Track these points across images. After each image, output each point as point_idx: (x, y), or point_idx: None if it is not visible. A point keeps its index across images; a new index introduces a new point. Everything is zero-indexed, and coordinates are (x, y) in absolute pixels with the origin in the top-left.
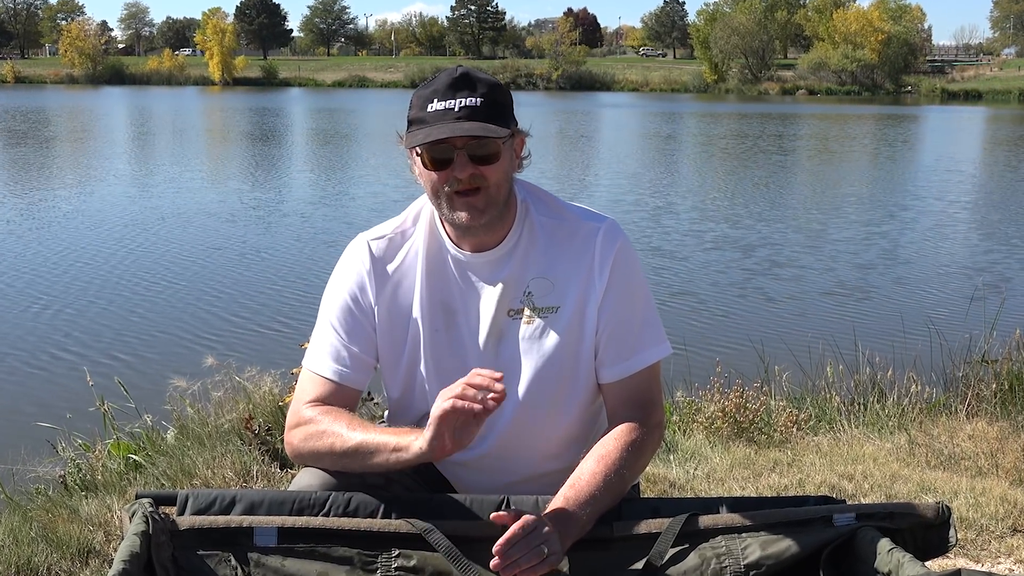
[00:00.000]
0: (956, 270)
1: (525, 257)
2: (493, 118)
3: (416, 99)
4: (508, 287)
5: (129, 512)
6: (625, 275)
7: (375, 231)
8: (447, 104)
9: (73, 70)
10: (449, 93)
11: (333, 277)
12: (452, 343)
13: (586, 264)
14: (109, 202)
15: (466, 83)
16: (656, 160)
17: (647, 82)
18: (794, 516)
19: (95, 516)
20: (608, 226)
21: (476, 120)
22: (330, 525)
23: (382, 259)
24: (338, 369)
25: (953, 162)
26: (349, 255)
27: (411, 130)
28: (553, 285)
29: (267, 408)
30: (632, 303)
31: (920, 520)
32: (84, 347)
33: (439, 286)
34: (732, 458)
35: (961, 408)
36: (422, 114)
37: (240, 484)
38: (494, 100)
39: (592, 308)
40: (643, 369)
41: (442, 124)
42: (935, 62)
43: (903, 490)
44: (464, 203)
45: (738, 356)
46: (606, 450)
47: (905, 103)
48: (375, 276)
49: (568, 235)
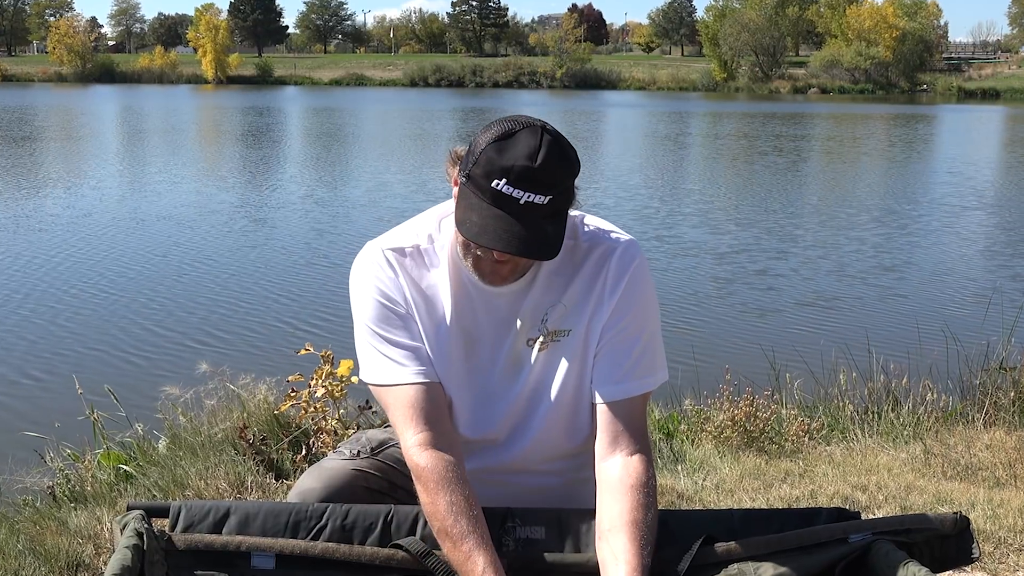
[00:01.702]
0: (973, 275)
1: (545, 284)
2: (554, 215)
3: (486, 157)
4: (528, 315)
5: (120, 524)
6: (634, 297)
7: (389, 241)
8: (514, 192)
9: (62, 68)
10: (521, 182)
11: (359, 288)
12: (471, 371)
13: (599, 285)
14: (98, 204)
15: (543, 175)
16: (663, 162)
17: (654, 80)
18: (808, 539)
19: (85, 528)
20: (625, 246)
21: (535, 223)
22: (330, 554)
23: (407, 273)
24: (418, 369)
25: (969, 163)
26: (371, 264)
27: (467, 187)
28: (567, 308)
29: (262, 417)
30: (636, 326)
31: (936, 531)
32: (73, 354)
33: (464, 313)
34: (742, 468)
35: (978, 417)
36: (484, 183)
37: (234, 495)
38: (562, 193)
39: (597, 327)
40: (635, 396)
41: (499, 217)
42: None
43: (918, 501)
44: (491, 268)
45: (748, 363)
46: (634, 519)
47: (920, 102)
48: (406, 288)
49: (584, 256)
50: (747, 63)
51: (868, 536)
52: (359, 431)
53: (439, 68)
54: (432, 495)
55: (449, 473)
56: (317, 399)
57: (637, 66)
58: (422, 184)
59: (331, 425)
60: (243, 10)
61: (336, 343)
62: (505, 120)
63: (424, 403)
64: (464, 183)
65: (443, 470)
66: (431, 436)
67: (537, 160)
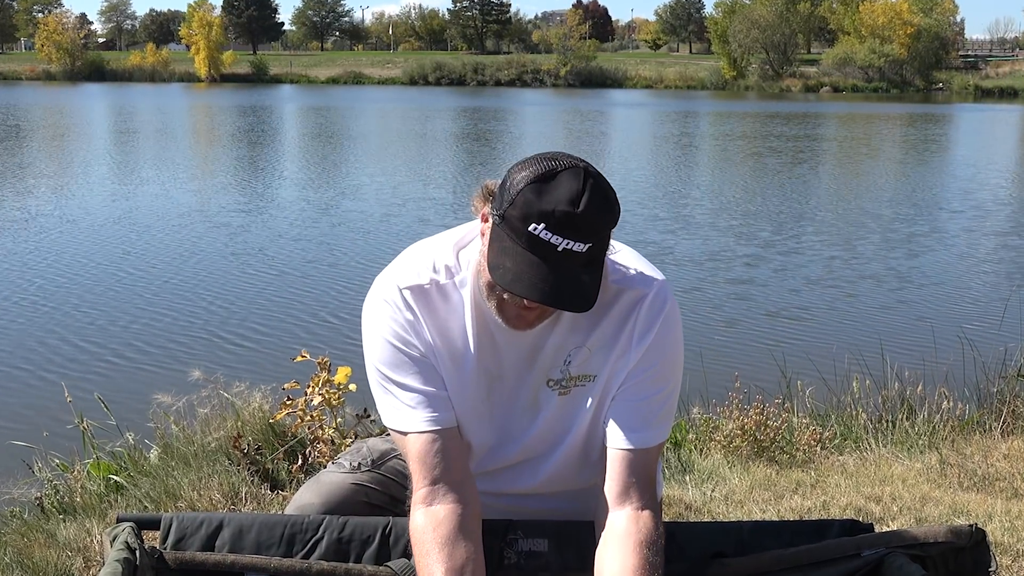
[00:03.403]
0: (990, 279)
1: (570, 324)
2: (590, 263)
3: (524, 199)
4: (550, 357)
5: (110, 536)
6: (663, 347)
7: (405, 277)
8: (552, 239)
9: (50, 66)
10: (560, 229)
11: (373, 329)
12: (492, 409)
13: (627, 331)
14: (87, 206)
15: (584, 223)
16: (671, 163)
17: (661, 78)
18: (820, 555)
19: (74, 541)
20: (656, 292)
21: (573, 272)
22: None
23: (426, 312)
24: (430, 416)
25: (986, 164)
26: (387, 305)
27: (501, 228)
28: (591, 353)
29: (257, 426)
30: (662, 377)
31: (952, 545)
32: (62, 360)
33: (486, 352)
34: (752, 479)
35: (996, 426)
36: (520, 226)
37: (228, 507)
38: (601, 241)
39: (621, 374)
40: (651, 447)
41: (534, 264)
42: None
43: (934, 513)
44: (517, 313)
45: (758, 370)
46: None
47: (936, 101)
48: (425, 330)
49: (613, 299)
50: (757, 61)
51: (882, 551)
52: (360, 440)
53: (439, 66)
54: (421, 558)
55: (442, 534)
56: (314, 407)
57: (644, 64)
58: (422, 186)
59: (328, 434)
60: (237, 6)
61: (333, 349)
62: (545, 158)
63: (433, 453)
64: (498, 224)
65: (436, 532)
66: (434, 491)
67: (580, 206)
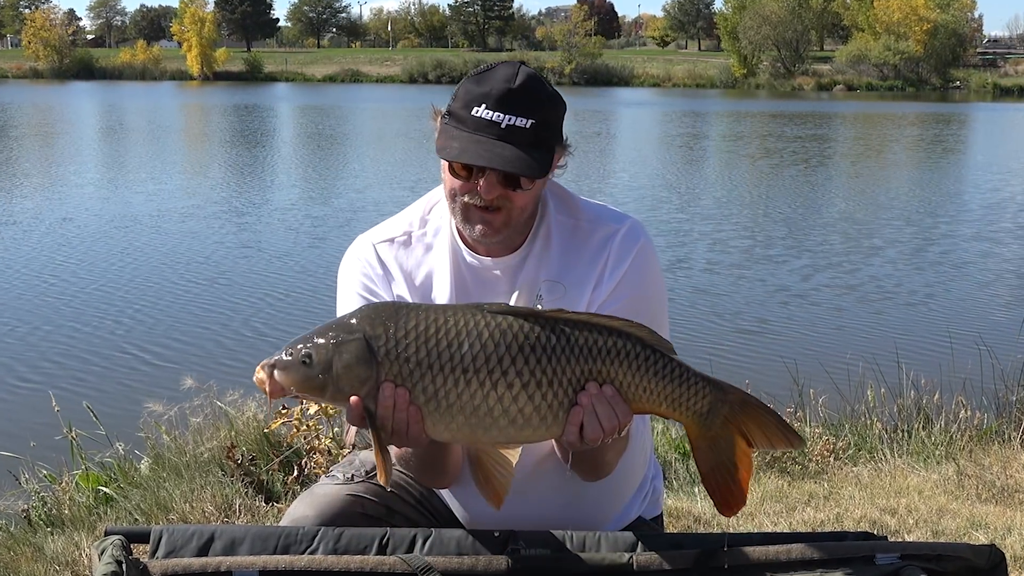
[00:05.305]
0: (1008, 285)
1: (539, 260)
2: (538, 144)
3: (464, 89)
4: (522, 293)
5: (98, 550)
6: (636, 281)
7: (378, 233)
8: (494, 116)
9: (37, 63)
10: (500, 105)
11: (345, 284)
12: None
13: (599, 267)
14: (75, 210)
15: (522, 96)
16: (680, 166)
17: (669, 76)
18: (833, 553)
19: (62, 554)
20: (628, 228)
21: (519, 148)
22: (316, 566)
23: (399, 264)
24: None
25: (1006, 166)
26: (358, 260)
27: (448, 123)
28: (566, 289)
29: (251, 436)
30: (632, 309)
31: (969, 563)
32: (49, 368)
33: (462, 292)
34: (763, 490)
35: (1015, 436)
36: (464, 114)
37: (221, 519)
38: (545, 122)
39: (596, 308)
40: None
41: (480, 141)
42: (986, 54)
43: (951, 526)
44: (481, 218)
45: (769, 377)
46: None
47: (953, 100)
48: (396, 281)
49: (585, 237)
50: (768, 58)
51: (896, 560)
52: (353, 452)
53: (440, 64)
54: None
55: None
56: (310, 417)
57: (651, 61)
58: (423, 189)
59: (324, 444)
60: (231, 2)
61: None
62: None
63: None
64: (446, 122)
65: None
66: None
67: (516, 82)
